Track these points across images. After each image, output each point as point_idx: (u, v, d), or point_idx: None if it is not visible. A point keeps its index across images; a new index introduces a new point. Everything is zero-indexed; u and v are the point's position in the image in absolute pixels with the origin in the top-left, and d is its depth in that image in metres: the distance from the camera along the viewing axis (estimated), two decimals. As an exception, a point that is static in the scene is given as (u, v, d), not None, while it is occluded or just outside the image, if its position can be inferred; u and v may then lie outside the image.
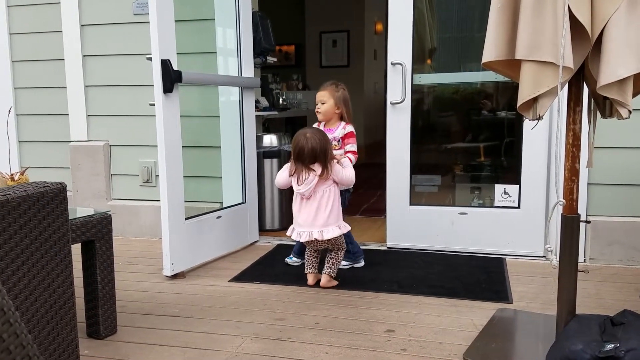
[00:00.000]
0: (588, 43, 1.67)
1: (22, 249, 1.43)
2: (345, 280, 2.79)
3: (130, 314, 2.41)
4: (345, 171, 2.68)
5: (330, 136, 2.82)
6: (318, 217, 2.62)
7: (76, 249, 1.88)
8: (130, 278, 2.92)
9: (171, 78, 2.73)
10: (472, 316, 2.32)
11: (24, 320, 1.47)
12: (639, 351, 1.68)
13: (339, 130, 2.87)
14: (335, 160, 2.67)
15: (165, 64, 2.71)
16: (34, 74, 3.93)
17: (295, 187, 2.65)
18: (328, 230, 2.61)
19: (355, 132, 2.90)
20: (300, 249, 3.02)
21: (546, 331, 2.08)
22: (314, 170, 2.60)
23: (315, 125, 2.95)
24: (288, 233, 2.74)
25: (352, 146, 2.87)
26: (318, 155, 2.59)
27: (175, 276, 2.89)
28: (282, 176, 2.73)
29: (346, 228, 2.70)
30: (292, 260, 3.07)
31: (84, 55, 3.75)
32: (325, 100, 2.85)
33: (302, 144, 2.59)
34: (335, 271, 2.71)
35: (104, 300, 2.13)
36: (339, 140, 2.86)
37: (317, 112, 2.89)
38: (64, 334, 1.60)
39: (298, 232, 2.66)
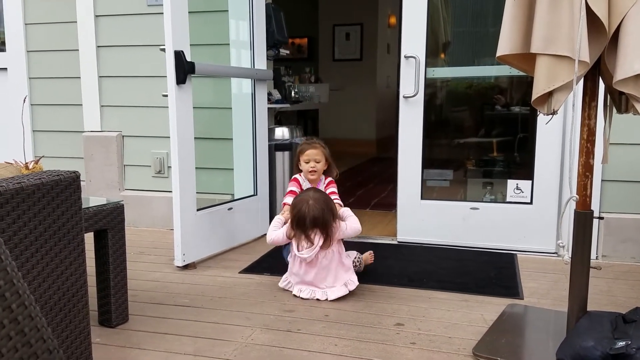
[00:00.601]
0: (605, 37, 1.65)
1: (35, 236, 1.45)
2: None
3: (142, 303, 2.43)
4: (349, 227, 2.50)
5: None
6: (321, 277, 2.46)
7: (89, 238, 1.89)
8: (142, 268, 2.94)
9: (184, 69, 2.74)
10: (482, 311, 2.31)
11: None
12: (651, 349, 1.67)
13: (321, 186, 2.82)
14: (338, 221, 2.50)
15: (179, 55, 2.72)
16: (49, 64, 3.96)
17: (295, 251, 2.46)
18: (333, 291, 2.45)
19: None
20: None
21: (557, 327, 2.07)
22: (312, 241, 2.43)
23: (300, 178, 2.81)
24: (281, 284, 2.57)
25: (332, 188, 2.83)
26: (319, 225, 2.41)
27: (186, 267, 2.91)
28: (278, 236, 2.54)
29: (353, 285, 2.48)
30: None
31: (98, 46, 3.77)
32: (319, 159, 2.75)
33: (303, 211, 2.41)
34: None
35: (115, 289, 2.15)
36: None
37: (313, 171, 2.74)
38: (76, 322, 1.62)
39: (299, 289, 2.49)
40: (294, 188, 2.80)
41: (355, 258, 2.66)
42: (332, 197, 2.77)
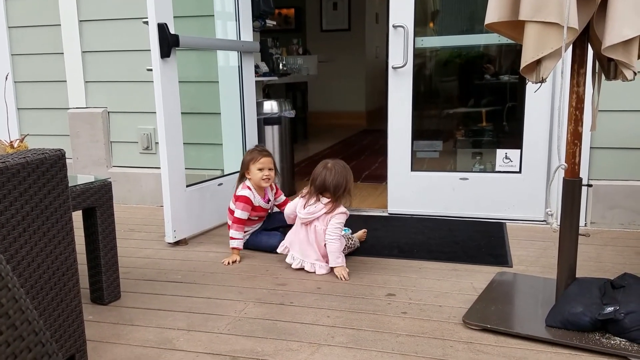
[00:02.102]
0: (593, 3, 1.63)
1: (22, 216, 1.43)
2: (347, 246, 2.81)
3: (134, 280, 2.44)
4: (330, 244, 2.43)
5: (263, 202, 2.79)
6: (311, 250, 2.48)
7: (78, 217, 1.88)
8: (133, 245, 2.94)
9: (168, 42, 2.69)
10: (471, 280, 2.34)
11: (27, 287, 1.48)
12: (639, 314, 1.70)
13: (271, 194, 2.85)
14: (340, 210, 2.47)
15: (162, 28, 2.67)
16: (31, 40, 3.88)
17: (299, 210, 2.52)
18: (322, 265, 2.47)
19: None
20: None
21: (546, 294, 2.10)
22: (320, 201, 2.48)
23: (250, 193, 2.74)
24: (279, 250, 2.61)
25: (283, 196, 2.95)
26: (328, 188, 2.46)
27: (177, 243, 2.91)
28: (291, 208, 2.61)
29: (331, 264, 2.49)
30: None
31: (81, 21, 3.69)
32: (272, 166, 2.77)
33: (317, 172, 2.51)
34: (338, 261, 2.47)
35: (107, 267, 2.14)
36: (269, 200, 2.85)
37: (267, 179, 2.74)
38: (68, 300, 1.61)
39: (292, 256, 2.54)
40: (245, 213, 2.72)
41: (348, 242, 2.67)
42: (280, 197, 2.91)
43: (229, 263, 2.62)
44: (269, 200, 2.85)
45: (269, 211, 2.89)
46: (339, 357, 1.74)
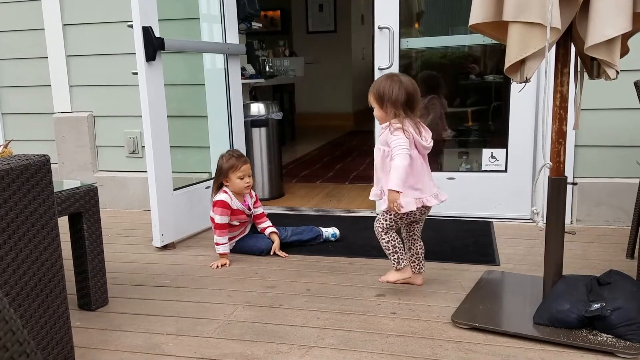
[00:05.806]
0: (576, 3, 1.65)
1: (7, 222, 1.42)
2: (336, 247, 2.81)
3: (122, 285, 2.42)
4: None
5: (242, 205, 2.73)
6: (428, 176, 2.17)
7: (64, 222, 1.86)
8: (120, 250, 2.91)
9: (153, 46, 2.67)
10: (460, 279, 2.35)
11: (13, 294, 1.46)
12: (625, 310, 1.72)
13: (250, 202, 2.78)
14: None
15: (147, 31, 2.65)
16: (14, 44, 3.84)
17: (423, 143, 2.11)
18: (441, 194, 2.15)
19: None
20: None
21: (533, 292, 2.12)
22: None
23: (227, 198, 2.68)
24: (405, 208, 2.07)
25: (261, 207, 2.85)
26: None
27: (165, 247, 2.89)
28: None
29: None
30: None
31: (65, 24, 3.66)
32: (250, 172, 2.71)
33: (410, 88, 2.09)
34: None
35: (94, 272, 2.13)
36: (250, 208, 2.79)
37: (249, 186, 2.70)
38: (55, 307, 1.60)
39: (415, 199, 2.10)
40: (225, 217, 2.68)
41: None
42: (258, 209, 2.81)
43: (217, 267, 2.60)
44: (249, 207, 2.78)
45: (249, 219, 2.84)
46: (329, 359, 1.74)
